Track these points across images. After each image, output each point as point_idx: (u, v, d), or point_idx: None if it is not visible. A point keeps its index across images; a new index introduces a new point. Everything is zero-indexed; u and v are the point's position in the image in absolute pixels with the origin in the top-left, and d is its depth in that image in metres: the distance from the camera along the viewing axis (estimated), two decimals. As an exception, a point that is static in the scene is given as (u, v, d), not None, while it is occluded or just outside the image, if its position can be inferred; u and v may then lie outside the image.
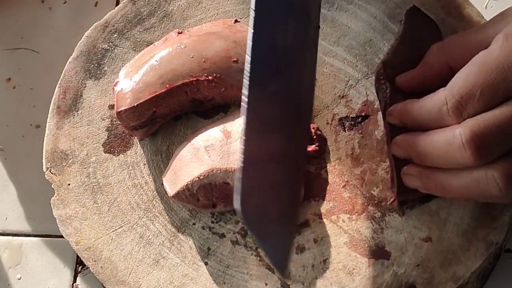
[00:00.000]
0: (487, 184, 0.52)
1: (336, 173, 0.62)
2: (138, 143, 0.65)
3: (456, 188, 0.53)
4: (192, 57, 0.62)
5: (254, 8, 0.50)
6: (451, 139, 0.52)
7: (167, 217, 0.62)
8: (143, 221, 0.62)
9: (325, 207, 0.61)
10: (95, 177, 0.64)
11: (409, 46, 0.60)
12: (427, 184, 0.55)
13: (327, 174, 0.61)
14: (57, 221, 0.63)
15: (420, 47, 0.59)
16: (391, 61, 0.60)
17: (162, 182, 0.61)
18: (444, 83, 0.54)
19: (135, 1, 0.70)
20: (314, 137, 0.61)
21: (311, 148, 0.61)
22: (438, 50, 0.58)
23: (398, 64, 0.60)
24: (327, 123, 0.63)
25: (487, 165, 0.51)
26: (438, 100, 0.53)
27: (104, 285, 0.61)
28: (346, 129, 0.63)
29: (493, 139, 0.50)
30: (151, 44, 0.67)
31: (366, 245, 0.59)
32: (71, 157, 0.65)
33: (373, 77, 0.63)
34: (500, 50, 0.51)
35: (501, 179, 0.51)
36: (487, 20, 0.64)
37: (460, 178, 0.53)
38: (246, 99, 0.49)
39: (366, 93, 0.63)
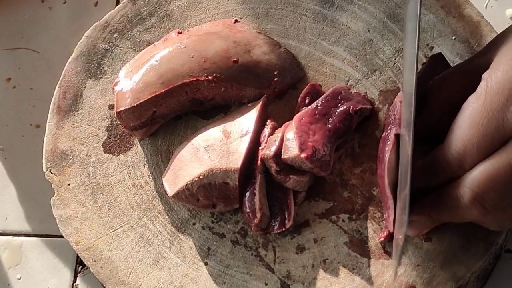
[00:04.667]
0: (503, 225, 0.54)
1: (336, 173, 0.62)
2: (138, 143, 0.65)
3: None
4: (192, 57, 0.62)
5: None
6: (456, 202, 0.52)
7: (167, 217, 0.62)
8: (143, 221, 0.62)
9: (325, 207, 0.61)
10: (95, 177, 0.64)
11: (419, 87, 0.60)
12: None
13: (327, 174, 0.61)
14: (57, 221, 0.63)
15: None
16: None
17: (162, 182, 0.61)
18: (449, 122, 0.54)
19: (135, 1, 0.70)
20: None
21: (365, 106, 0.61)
22: (436, 91, 0.57)
23: None
24: (327, 123, 0.63)
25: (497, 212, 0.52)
26: (440, 161, 0.53)
27: (104, 285, 0.61)
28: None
29: (494, 194, 0.51)
30: (151, 44, 0.67)
31: (366, 245, 0.59)
32: (71, 157, 0.65)
33: (373, 78, 0.64)
34: (486, 94, 0.51)
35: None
36: (487, 20, 0.64)
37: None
38: None
39: (366, 93, 0.63)
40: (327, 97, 0.61)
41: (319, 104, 0.61)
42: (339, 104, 0.61)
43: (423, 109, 0.58)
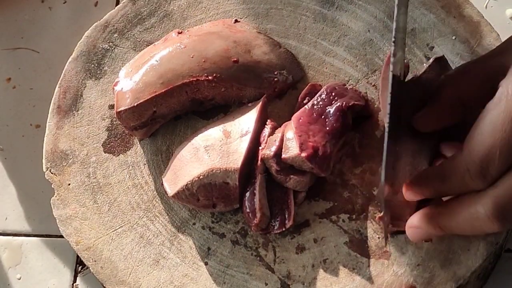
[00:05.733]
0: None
1: (336, 173, 0.62)
2: (138, 143, 0.65)
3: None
4: (192, 57, 0.62)
5: None
6: (475, 215, 0.51)
7: (167, 217, 0.62)
8: (143, 221, 0.62)
9: (325, 207, 0.61)
10: (95, 177, 0.64)
11: (420, 87, 0.60)
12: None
13: (328, 174, 0.61)
14: (57, 221, 0.63)
15: (427, 90, 0.59)
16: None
17: (162, 182, 0.61)
18: (456, 118, 0.53)
19: (135, 1, 0.70)
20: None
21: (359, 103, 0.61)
22: (447, 85, 0.57)
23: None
24: (327, 123, 0.63)
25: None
26: (459, 169, 0.52)
27: (104, 285, 0.61)
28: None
29: None
30: (151, 44, 0.67)
31: (366, 245, 0.59)
32: (71, 157, 0.65)
33: (373, 78, 0.64)
34: (506, 100, 0.50)
35: None
36: (487, 20, 0.65)
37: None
38: None
39: (366, 93, 0.63)
40: (322, 95, 0.61)
41: (315, 103, 0.61)
42: (333, 102, 0.61)
43: (432, 103, 0.57)
